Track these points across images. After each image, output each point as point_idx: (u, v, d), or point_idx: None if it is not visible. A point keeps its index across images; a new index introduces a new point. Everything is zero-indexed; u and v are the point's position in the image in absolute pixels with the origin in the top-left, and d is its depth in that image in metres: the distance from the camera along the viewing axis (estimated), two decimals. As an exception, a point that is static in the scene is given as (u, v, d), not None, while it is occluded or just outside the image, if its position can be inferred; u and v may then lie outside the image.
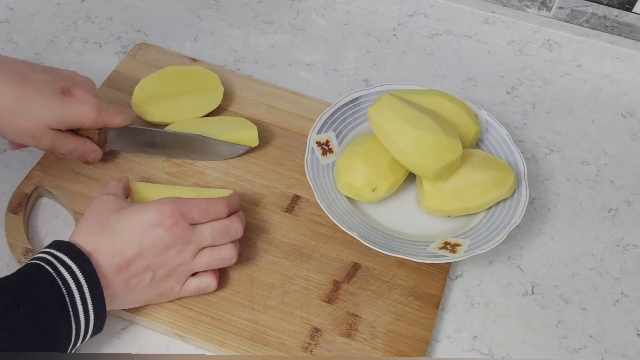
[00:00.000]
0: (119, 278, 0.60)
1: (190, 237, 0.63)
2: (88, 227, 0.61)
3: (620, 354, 0.69)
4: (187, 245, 0.63)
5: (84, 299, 0.57)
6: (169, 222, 0.61)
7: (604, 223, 0.79)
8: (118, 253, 0.60)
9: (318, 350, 0.65)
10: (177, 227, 0.62)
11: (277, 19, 0.96)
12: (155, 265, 0.61)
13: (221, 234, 0.65)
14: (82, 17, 0.92)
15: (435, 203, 0.72)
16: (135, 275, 0.60)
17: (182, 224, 0.62)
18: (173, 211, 0.62)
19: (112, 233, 0.60)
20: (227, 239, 0.65)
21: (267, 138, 0.80)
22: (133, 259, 0.60)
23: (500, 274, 0.74)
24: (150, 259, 0.61)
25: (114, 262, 0.59)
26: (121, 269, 0.60)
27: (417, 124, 0.69)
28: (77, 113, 0.67)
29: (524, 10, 0.94)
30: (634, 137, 0.88)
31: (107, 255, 0.59)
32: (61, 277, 0.56)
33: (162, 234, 0.61)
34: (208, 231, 0.64)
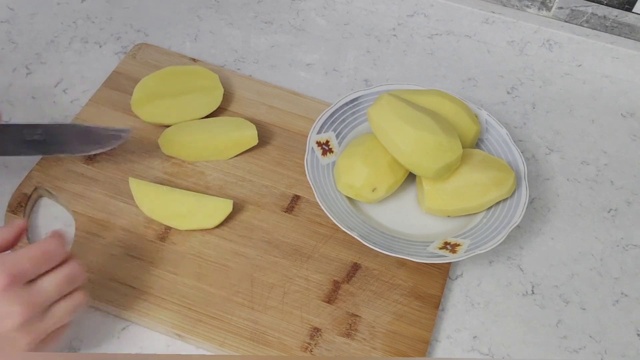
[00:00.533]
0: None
1: (29, 299, 0.52)
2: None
3: (620, 354, 0.69)
4: (28, 311, 0.52)
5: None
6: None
7: (604, 223, 0.79)
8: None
9: (318, 350, 0.65)
10: (7, 294, 0.51)
11: (277, 19, 0.96)
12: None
13: (65, 285, 0.55)
14: (82, 17, 0.92)
15: (435, 203, 0.72)
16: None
17: (12, 286, 0.51)
18: (1, 274, 0.51)
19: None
20: (72, 287, 0.56)
21: (267, 138, 0.80)
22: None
23: (500, 274, 0.74)
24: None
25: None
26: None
27: (417, 124, 0.69)
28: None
29: (524, 10, 0.94)
30: (634, 137, 0.88)
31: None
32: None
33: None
34: (50, 286, 0.54)
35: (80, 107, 0.81)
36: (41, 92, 0.83)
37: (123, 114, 0.79)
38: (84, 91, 0.83)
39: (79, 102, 0.82)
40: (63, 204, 0.72)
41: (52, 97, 0.82)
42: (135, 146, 0.77)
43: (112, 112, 0.79)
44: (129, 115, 0.79)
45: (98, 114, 0.79)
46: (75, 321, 0.64)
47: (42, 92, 0.83)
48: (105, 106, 0.80)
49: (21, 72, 0.84)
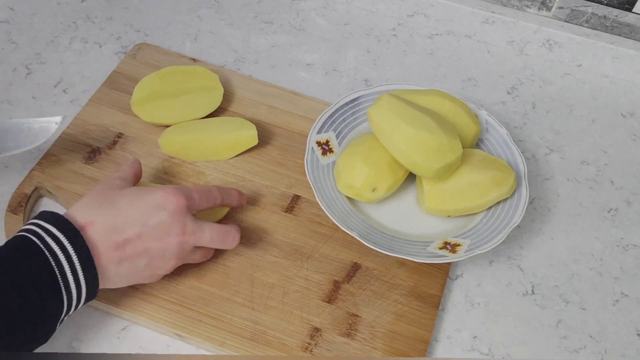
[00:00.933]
0: (113, 255, 0.58)
1: (192, 228, 0.62)
2: (87, 201, 0.60)
3: (620, 354, 0.69)
4: (188, 236, 0.61)
5: (74, 269, 0.55)
6: (173, 204, 0.60)
7: (604, 223, 0.79)
8: (117, 230, 0.58)
9: (318, 350, 0.65)
10: (180, 212, 0.61)
11: (277, 19, 0.96)
12: (153, 250, 0.60)
13: (219, 238, 0.64)
14: (82, 17, 0.92)
15: (435, 203, 0.72)
16: (130, 257, 0.59)
17: (184, 210, 0.61)
18: (178, 194, 0.61)
19: (113, 208, 0.59)
20: (223, 245, 0.65)
21: (267, 138, 0.80)
22: (132, 239, 0.59)
23: (500, 274, 0.74)
24: (149, 242, 0.60)
25: (111, 239, 0.58)
26: (117, 246, 0.58)
27: (417, 124, 0.69)
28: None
29: (524, 10, 0.94)
30: (634, 137, 0.88)
31: (104, 230, 0.58)
32: (49, 249, 0.55)
33: (166, 216, 0.60)
34: (208, 230, 0.63)
35: (80, 107, 0.81)
36: (41, 92, 0.83)
37: (123, 114, 0.79)
38: (84, 91, 0.83)
39: (79, 102, 0.82)
40: (63, 204, 0.72)
41: (52, 97, 0.82)
42: (135, 146, 0.77)
43: (112, 112, 0.79)
44: (129, 115, 0.79)
45: (98, 114, 0.79)
46: (76, 321, 0.64)
47: (42, 92, 0.83)
48: (105, 106, 0.80)
49: (21, 72, 0.84)
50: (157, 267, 0.62)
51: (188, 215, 0.62)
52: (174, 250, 0.61)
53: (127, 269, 0.60)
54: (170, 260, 0.62)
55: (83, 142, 0.76)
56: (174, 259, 0.62)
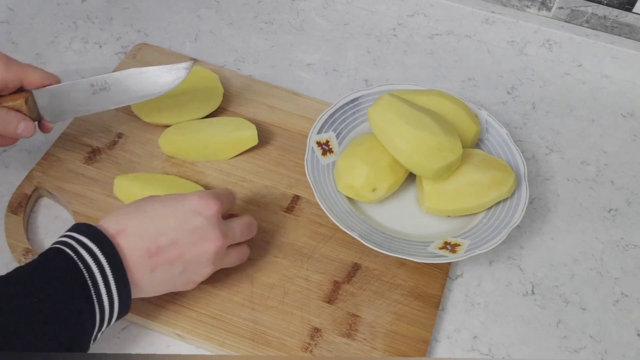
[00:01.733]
0: (146, 263, 0.57)
1: (226, 231, 0.61)
2: (122, 211, 0.59)
3: (620, 354, 0.69)
4: (223, 239, 0.61)
5: (107, 283, 0.54)
6: (210, 210, 0.60)
7: (604, 223, 0.79)
8: (148, 236, 0.57)
9: (318, 350, 0.65)
10: (215, 217, 0.60)
11: (277, 19, 0.96)
12: (190, 256, 0.59)
13: (246, 230, 0.65)
14: (82, 17, 0.92)
15: (435, 203, 0.72)
16: (164, 264, 0.58)
17: (219, 215, 0.61)
18: (214, 199, 0.60)
19: (144, 215, 0.58)
20: (249, 235, 0.66)
21: (267, 138, 0.80)
22: (165, 245, 0.57)
23: (500, 274, 0.74)
24: (185, 248, 0.58)
25: (143, 245, 0.56)
26: (150, 253, 0.57)
27: (417, 124, 0.69)
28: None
29: (524, 10, 0.94)
30: (634, 137, 0.88)
31: (136, 236, 0.57)
32: (82, 261, 0.54)
33: (203, 222, 0.59)
34: (237, 227, 0.63)
35: (80, 107, 0.81)
36: (41, 92, 0.83)
37: (123, 114, 0.79)
38: (84, 91, 0.83)
39: (79, 102, 0.82)
40: (63, 204, 0.72)
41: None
42: (135, 146, 0.77)
43: (112, 112, 0.79)
44: (129, 115, 0.79)
45: (98, 114, 0.78)
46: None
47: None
48: (105, 106, 0.80)
49: (21, 72, 0.84)
50: (194, 274, 0.61)
51: (221, 218, 0.62)
52: (211, 255, 0.60)
53: (162, 276, 0.58)
54: (207, 266, 0.61)
55: (83, 142, 0.76)
56: (211, 265, 0.61)
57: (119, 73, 0.69)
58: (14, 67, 0.65)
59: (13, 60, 0.65)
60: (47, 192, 0.73)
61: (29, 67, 0.66)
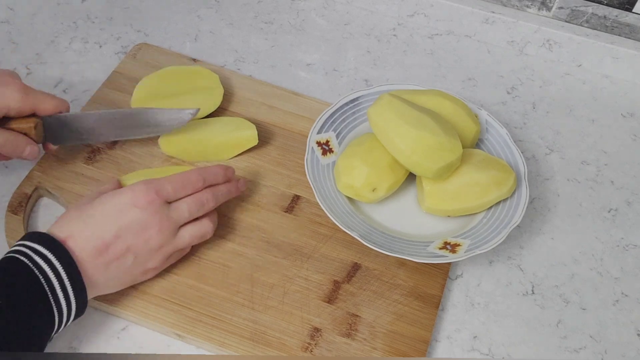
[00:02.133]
0: (99, 262, 0.59)
1: (168, 214, 0.63)
2: (65, 217, 0.62)
3: (620, 354, 0.69)
4: (166, 222, 0.62)
5: (62, 285, 0.56)
6: (143, 200, 0.61)
7: (604, 223, 0.79)
8: (94, 236, 0.59)
9: (318, 350, 0.65)
10: (152, 206, 0.62)
11: (277, 19, 0.96)
12: (136, 247, 0.61)
13: (196, 206, 0.65)
14: (82, 17, 0.92)
15: (435, 203, 0.72)
16: (115, 259, 0.60)
17: (157, 202, 0.62)
18: (146, 190, 0.62)
19: (87, 218, 0.60)
20: (202, 211, 0.66)
21: (267, 138, 0.80)
22: (111, 241, 0.60)
23: (500, 274, 0.74)
24: (130, 240, 0.61)
25: (91, 245, 0.59)
26: (100, 252, 0.59)
27: (417, 124, 0.69)
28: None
29: (524, 10, 0.94)
30: (634, 137, 0.88)
31: (83, 239, 0.59)
32: (37, 267, 0.56)
33: (138, 213, 0.61)
34: (184, 206, 0.64)
35: (80, 107, 0.81)
36: (41, 92, 0.83)
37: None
38: (84, 91, 0.83)
39: (79, 102, 0.82)
40: (63, 203, 0.72)
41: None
42: (135, 146, 0.77)
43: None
44: (129, 115, 0.79)
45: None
46: (76, 321, 0.64)
47: (42, 92, 0.83)
48: (105, 106, 0.80)
49: (21, 72, 0.84)
50: (147, 261, 0.63)
51: (162, 205, 0.62)
52: (157, 241, 0.62)
53: (116, 271, 0.61)
54: (157, 251, 0.63)
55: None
56: (160, 250, 0.63)
57: (126, 110, 0.72)
58: (30, 97, 0.67)
59: (30, 90, 0.67)
60: (47, 192, 0.73)
61: (44, 96, 0.69)
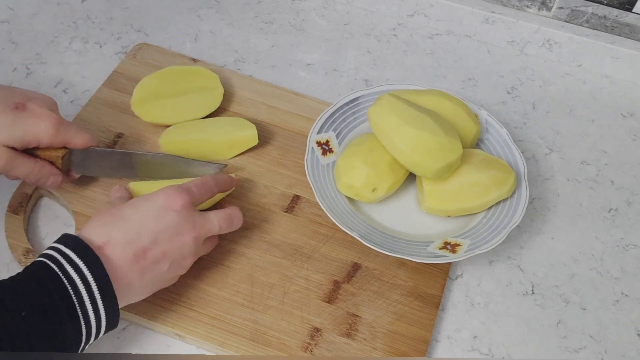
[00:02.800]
0: (136, 268, 0.58)
1: (201, 222, 0.63)
2: (99, 220, 0.60)
3: (620, 354, 0.69)
4: (199, 230, 0.63)
5: (93, 298, 0.55)
6: (178, 203, 0.61)
7: (604, 223, 0.79)
8: (133, 242, 0.59)
9: (318, 350, 0.65)
10: (185, 209, 0.62)
11: (277, 19, 0.96)
12: (172, 252, 0.61)
13: (226, 222, 0.66)
14: (82, 17, 0.92)
15: (435, 203, 0.72)
16: (152, 264, 0.59)
17: (189, 205, 0.62)
18: (179, 192, 0.62)
19: (123, 222, 0.60)
20: (230, 229, 0.67)
21: (267, 138, 0.80)
22: (149, 247, 0.59)
23: (500, 274, 0.74)
24: (166, 244, 0.60)
25: (130, 252, 0.58)
26: (138, 258, 0.58)
27: (417, 124, 0.69)
28: (33, 127, 0.65)
29: (524, 10, 0.94)
30: (634, 137, 0.88)
31: (122, 245, 0.58)
32: (67, 276, 0.55)
33: (175, 216, 0.61)
34: (215, 219, 0.65)
35: (80, 107, 0.81)
36: (41, 92, 0.82)
37: (123, 114, 0.79)
38: (84, 91, 0.83)
39: (79, 102, 0.82)
40: (63, 203, 0.72)
41: (52, 97, 0.82)
42: (135, 146, 0.77)
43: (112, 112, 0.79)
44: (129, 115, 0.79)
45: (98, 114, 0.79)
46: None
47: (42, 92, 0.82)
48: (105, 106, 0.80)
49: (21, 72, 0.84)
50: (178, 268, 0.63)
51: (194, 209, 0.63)
52: (191, 247, 0.62)
53: (152, 276, 0.60)
54: (188, 257, 0.63)
55: (83, 142, 0.76)
56: (191, 256, 0.63)
57: (153, 154, 0.72)
58: (62, 132, 0.67)
59: (64, 125, 0.67)
60: (48, 192, 0.73)
61: (76, 132, 0.68)
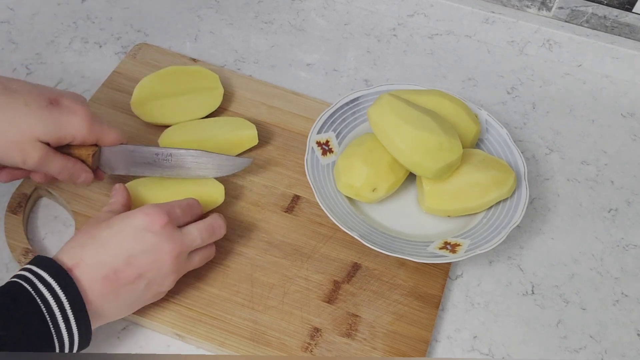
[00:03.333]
0: (107, 289, 0.58)
1: (181, 239, 0.62)
2: (75, 241, 0.60)
3: (620, 354, 0.69)
4: (179, 247, 0.61)
5: (66, 318, 0.55)
6: (157, 224, 0.60)
7: (604, 223, 0.79)
8: (104, 264, 0.58)
9: (318, 350, 0.65)
10: (165, 230, 0.60)
11: (277, 19, 0.96)
12: (150, 272, 0.60)
13: (207, 232, 0.64)
14: (82, 17, 0.92)
15: (435, 203, 0.72)
16: (125, 284, 0.59)
17: (169, 226, 0.61)
18: (159, 213, 0.60)
19: (97, 243, 0.59)
20: (212, 238, 0.65)
21: (267, 138, 0.80)
22: (121, 268, 0.58)
23: (500, 274, 0.74)
24: (143, 266, 0.59)
25: (100, 274, 0.57)
26: (109, 280, 0.58)
27: (417, 124, 0.69)
28: (67, 123, 0.64)
29: (524, 10, 0.94)
30: (634, 137, 0.88)
31: (92, 266, 0.57)
32: (40, 296, 0.54)
33: (152, 238, 0.60)
34: (195, 232, 0.63)
35: (80, 107, 0.81)
36: (41, 92, 0.83)
37: (123, 114, 0.79)
38: (84, 91, 0.83)
39: (79, 102, 0.82)
40: (62, 204, 0.72)
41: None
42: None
43: (112, 112, 0.79)
44: (129, 115, 0.79)
45: (98, 114, 0.79)
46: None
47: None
48: (105, 106, 0.80)
49: (21, 72, 0.84)
50: (159, 286, 0.62)
51: (174, 229, 0.61)
52: (170, 266, 0.61)
53: (127, 297, 0.59)
54: (169, 276, 0.62)
55: (83, 142, 0.76)
56: (172, 274, 0.62)
57: (185, 151, 0.70)
58: (95, 129, 0.66)
59: (96, 121, 0.66)
60: (47, 192, 0.73)
61: (108, 129, 0.68)
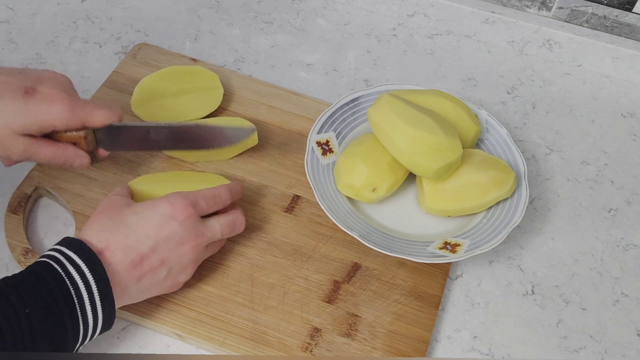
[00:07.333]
0: (132, 274, 0.59)
1: (203, 231, 0.63)
2: (100, 223, 0.60)
3: (620, 354, 0.69)
4: (200, 239, 0.63)
5: (92, 300, 0.56)
6: (182, 214, 0.61)
7: (604, 223, 0.79)
8: (131, 249, 0.59)
9: (318, 350, 0.65)
10: (189, 220, 0.62)
11: (277, 19, 0.96)
12: (171, 260, 0.61)
13: (229, 228, 0.66)
14: (82, 17, 0.92)
15: (435, 203, 0.72)
16: (149, 271, 0.60)
17: (194, 217, 0.62)
18: (185, 203, 0.62)
19: (125, 228, 0.60)
20: (233, 233, 0.67)
21: (267, 138, 0.80)
22: (147, 254, 0.60)
23: (500, 274, 0.74)
24: (166, 253, 0.61)
25: (128, 259, 0.59)
26: (135, 265, 0.59)
27: (417, 124, 0.69)
28: (45, 113, 0.62)
29: (524, 10, 0.94)
30: (634, 137, 0.88)
31: (120, 251, 0.59)
32: (69, 277, 0.55)
33: (177, 227, 0.61)
34: (217, 226, 0.65)
35: (80, 107, 0.81)
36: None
37: (123, 114, 0.79)
38: (84, 91, 0.83)
39: (79, 102, 0.82)
40: (63, 203, 0.72)
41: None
42: (135, 146, 0.77)
43: (112, 112, 0.79)
44: (129, 115, 0.79)
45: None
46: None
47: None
48: (105, 106, 0.80)
49: (21, 72, 0.84)
50: (178, 275, 0.63)
51: (197, 220, 0.63)
52: (191, 256, 0.63)
53: (148, 283, 0.61)
54: (188, 266, 0.63)
55: (83, 142, 0.76)
56: (192, 265, 0.64)
57: (183, 123, 0.71)
58: (77, 113, 0.64)
59: (78, 105, 0.64)
60: (47, 192, 0.73)
61: (93, 109, 0.65)
